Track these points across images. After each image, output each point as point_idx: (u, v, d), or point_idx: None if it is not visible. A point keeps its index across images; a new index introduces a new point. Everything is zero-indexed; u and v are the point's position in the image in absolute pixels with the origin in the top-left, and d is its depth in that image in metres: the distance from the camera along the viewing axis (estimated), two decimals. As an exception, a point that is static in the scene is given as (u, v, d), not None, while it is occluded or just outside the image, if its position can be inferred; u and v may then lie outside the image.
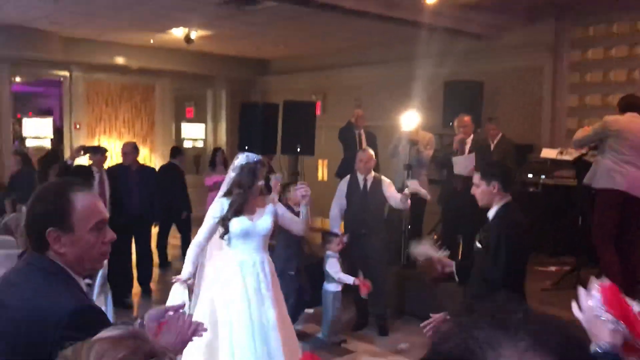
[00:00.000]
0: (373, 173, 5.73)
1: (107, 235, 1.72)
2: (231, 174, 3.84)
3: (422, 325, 2.88)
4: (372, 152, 5.87)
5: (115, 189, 6.62)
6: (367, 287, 5.19)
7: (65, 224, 1.61)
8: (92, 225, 1.66)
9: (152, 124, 12.00)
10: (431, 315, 3.21)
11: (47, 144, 10.25)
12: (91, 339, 0.93)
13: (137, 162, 6.96)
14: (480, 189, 3.41)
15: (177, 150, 8.65)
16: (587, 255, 5.93)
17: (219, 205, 3.81)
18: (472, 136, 6.15)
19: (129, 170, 6.73)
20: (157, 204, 6.95)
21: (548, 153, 7.32)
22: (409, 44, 8.95)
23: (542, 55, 8.21)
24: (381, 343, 5.63)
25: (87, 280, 3.00)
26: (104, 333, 0.95)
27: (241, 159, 3.83)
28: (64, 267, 1.63)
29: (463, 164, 6.08)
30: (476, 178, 3.46)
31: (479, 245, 3.37)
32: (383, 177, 5.75)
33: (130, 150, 6.85)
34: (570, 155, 6.87)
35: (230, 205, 3.75)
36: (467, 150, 6.11)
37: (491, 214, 3.38)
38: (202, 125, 12.94)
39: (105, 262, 5.02)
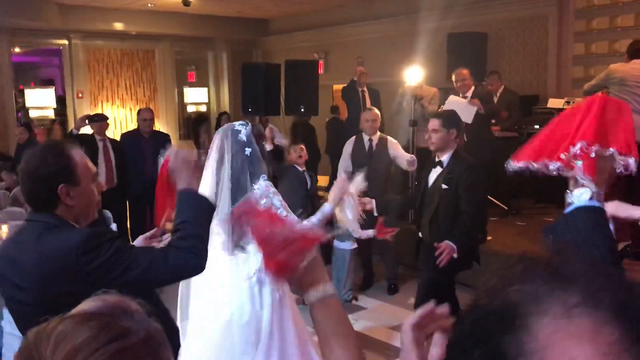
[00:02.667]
0: (379, 133, 5.65)
1: (99, 185, 1.92)
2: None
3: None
4: (377, 111, 5.78)
5: (130, 156, 6.61)
6: (391, 232, 4.35)
7: (73, 178, 1.77)
8: (92, 177, 1.86)
9: (154, 90, 11.93)
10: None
11: (50, 114, 10.24)
12: (56, 317, 0.85)
13: (151, 128, 6.95)
14: (439, 135, 3.85)
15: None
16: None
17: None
18: (472, 89, 6.03)
19: (143, 138, 6.72)
20: None
21: (554, 103, 7.24)
22: (410, -3, 8.80)
23: (546, 3, 8.04)
24: (392, 299, 5.70)
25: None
26: (80, 307, 0.86)
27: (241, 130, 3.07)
28: (68, 221, 1.78)
29: (457, 105, 5.99)
30: (436, 124, 3.87)
31: (445, 186, 3.80)
32: (389, 138, 5.62)
33: (150, 116, 6.85)
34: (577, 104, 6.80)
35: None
36: (467, 104, 6.01)
37: (445, 158, 3.87)
38: (204, 89, 12.85)
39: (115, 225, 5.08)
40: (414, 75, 6.71)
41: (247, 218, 1.36)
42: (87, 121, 6.71)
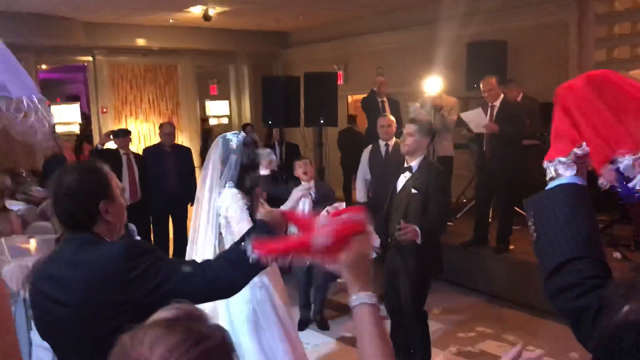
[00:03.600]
0: (394, 139, 5.67)
1: (125, 200, 1.97)
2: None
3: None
4: (392, 117, 5.83)
5: (153, 170, 6.71)
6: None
7: (110, 194, 1.84)
8: (122, 192, 1.93)
9: (176, 104, 12.10)
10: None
11: (75, 129, 10.43)
12: (145, 323, 0.94)
13: (173, 142, 7.05)
14: (414, 138, 4.01)
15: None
16: (619, 212, 5.85)
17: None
18: (501, 97, 5.99)
19: (165, 151, 6.82)
20: (195, 184, 7.05)
21: (576, 110, 7.17)
22: (430, 7, 8.81)
23: (567, 9, 7.98)
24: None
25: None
26: (160, 314, 0.96)
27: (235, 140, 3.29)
28: (103, 237, 1.83)
29: (475, 119, 6.00)
30: (412, 128, 4.03)
31: (414, 190, 3.96)
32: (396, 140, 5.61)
33: (172, 131, 6.96)
34: (599, 111, 6.73)
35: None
36: (495, 114, 5.99)
37: (414, 164, 4.04)
38: (226, 102, 12.98)
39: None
40: (433, 85, 6.72)
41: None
42: (111, 136, 6.84)
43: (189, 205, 7.13)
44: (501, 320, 5.32)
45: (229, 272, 1.79)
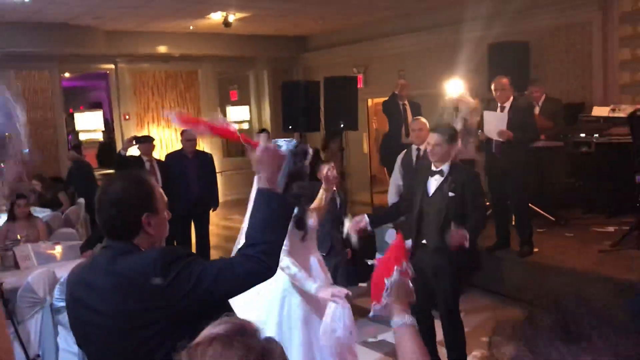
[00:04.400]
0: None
1: (168, 214, 1.95)
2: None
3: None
4: (424, 120, 5.73)
5: (175, 176, 6.75)
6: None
7: (153, 207, 1.84)
8: (165, 206, 1.92)
9: (197, 110, 12.19)
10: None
11: (99, 137, 10.57)
12: (200, 339, 0.93)
13: (195, 148, 7.10)
14: (440, 147, 4.06)
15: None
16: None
17: None
18: (511, 99, 5.93)
19: (187, 157, 6.86)
20: (216, 189, 7.09)
21: (600, 111, 7.07)
22: (450, 9, 8.77)
23: (590, 9, 7.88)
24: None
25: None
26: (211, 329, 0.95)
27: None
28: (141, 248, 1.83)
29: (494, 119, 5.90)
30: (439, 139, 4.05)
31: (452, 193, 4.00)
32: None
33: (194, 137, 6.99)
34: (623, 111, 6.62)
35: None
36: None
37: (445, 167, 4.09)
38: (246, 108, 13.05)
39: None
40: (455, 87, 6.67)
41: None
42: (134, 142, 6.90)
43: (210, 211, 7.17)
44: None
45: (256, 266, 1.80)
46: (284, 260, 3.20)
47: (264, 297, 3.29)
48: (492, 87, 5.96)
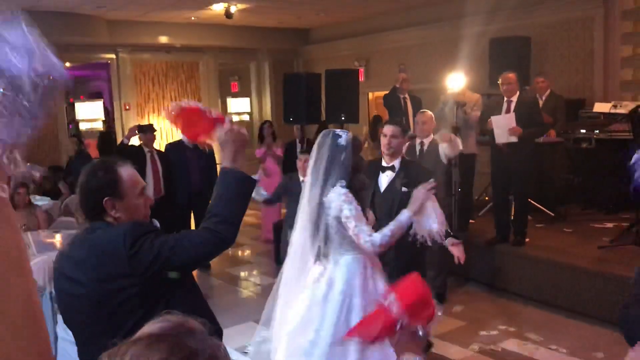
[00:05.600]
0: (432, 136, 5.53)
1: (148, 199, 2.08)
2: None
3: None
4: (430, 113, 5.69)
5: (175, 167, 6.74)
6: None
7: (117, 192, 1.95)
8: (139, 192, 2.01)
9: (198, 101, 12.13)
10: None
11: (99, 126, 10.55)
12: (130, 339, 0.89)
13: None
14: (398, 140, 4.06)
15: None
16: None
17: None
18: (517, 94, 5.96)
19: (187, 148, 6.85)
20: (216, 179, 7.09)
21: (601, 107, 7.08)
22: (452, 3, 8.75)
23: (592, 5, 7.87)
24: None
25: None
26: (148, 327, 0.90)
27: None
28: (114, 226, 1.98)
29: (503, 123, 5.93)
30: (397, 130, 4.03)
31: (404, 189, 3.94)
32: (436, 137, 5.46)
33: None
34: (624, 108, 6.63)
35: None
36: (512, 109, 5.95)
37: (396, 162, 4.09)
38: (247, 99, 13.03)
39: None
40: (456, 81, 6.66)
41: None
42: (137, 131, 6.90)
43: (210, 201, 7.18)
44: (524, 319, 5.27)
45: (213, 237, 1.94)
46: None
47: (322, 300, 3.10)
48: (499, 81, 5.99)
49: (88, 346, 1.95)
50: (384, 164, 4.16)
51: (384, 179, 4.14)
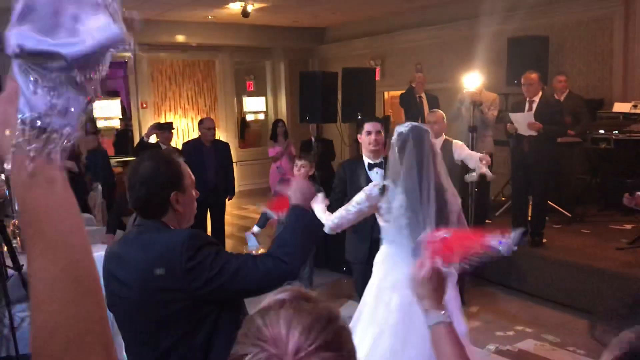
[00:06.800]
0: (444, 136, 5.49)
1: (197, 193, 2.06)
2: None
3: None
4: (442, 112, 5.67)
5: (192, 164, 6.78)
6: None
7: (182, 186, 1.93)
8: (193, 185, 2.01)
9: (214, 99, 12.22)
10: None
11: (116, 124, 10.63)
12: (267, 304, 0.94)
13: (213, 137, 7.14)
14: (382, 135, 4.08)
15: None
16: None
17: None
18: (540, 94, 5.94)
19: (204, 146, 6.90)
20: (232, 178, 7.14)
21: (620, 107, 7.01)
22: (469, 2, 8.70)
23: (612, 4, 7.78)
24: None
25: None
26: (277, 296, 0.96)
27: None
28: (169, 226, 1.92)
29: (521, 119, 5.92)
30: (379, 126, 4.07)
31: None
32: (454, 141, 5.35)
33: (213, 126, 7.06)
34: (644, 108, 6.56)
35: None
36: (534, 109, 5.93)
37: (382, 159, 4.04)
38: (262, 98, 13.06)
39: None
40: (472, 80, 6.63)
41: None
42: (157, 129, 6.95)
43: (227, 199, 7.22)
44: (540, 320, 5.24)
45: (278, 268, 1.84)
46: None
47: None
48: (522, 81, 5.97)
49: (134, 350, 1.92)
50: (369, 161, 4.14)
51: (375, 176, 4.09)
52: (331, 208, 4.29)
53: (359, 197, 3.18)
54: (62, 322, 0.71)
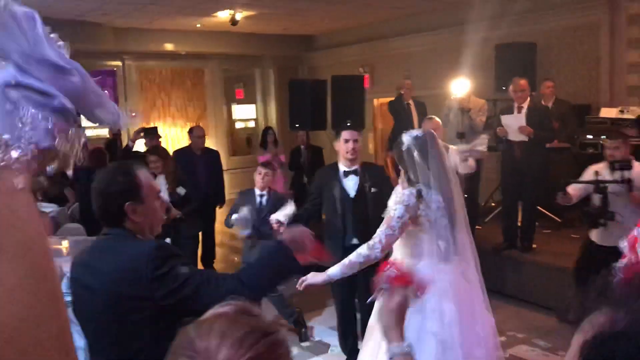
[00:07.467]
0: (441, 143, 5.46)
1: (163, 203, 2.09)
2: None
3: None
4: (438, 119, 5.67)
5: (183, 172, 6.76)
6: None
7: (138, 197, 1.94)
8: (156, 195, 2.02)
9: (204, 108, 12.21)
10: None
11: (104, 133, 10.57)
12: (206, 316, 0.96)
13: (203, 145, 7.13)
14: (359, 143, 4.13)
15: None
16: (653, 216, 5.72)
17: None
18: (528, 100, 5.98)
19: (195, 154, 6.88)
20: (223, 186, 7.12)
21: (607, 112, 7.05)
22: (457, 9, 8.75)
23: (598, 10, 7.85)
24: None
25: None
26: (218, 309, 0.97)
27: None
28: (136, 234, 1.96)
29: (512, 122, 5.94)
30: (357, 134, 4.12)
31: (374, 189, 4.03)
32: (451, 146, 5.31)
33: (203, 134, 7.04)
34: (632, 113, 6.61)
35: None
36: (524, 116, 5.96)
37: (357, 167, 4.14)
38: (252, 106, 13.06)
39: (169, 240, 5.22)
40: (461, 86, 6.66)
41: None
42: (142, 134, 6.91)
43: (217, 207, 7.19)
44: (532, 325, 5.24)
45: (239, 291, 1.83)
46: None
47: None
48: (511, 87, 6.00)
49: (97, 357, 1.95)
50: (345, 168, 4.15)
51: (350, 184, 4.12)
52: (306, 212, 4.31)
53: (398, 212, 3.00)
54: (21, 327, 0.71)
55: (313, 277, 2.98)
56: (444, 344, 2.90)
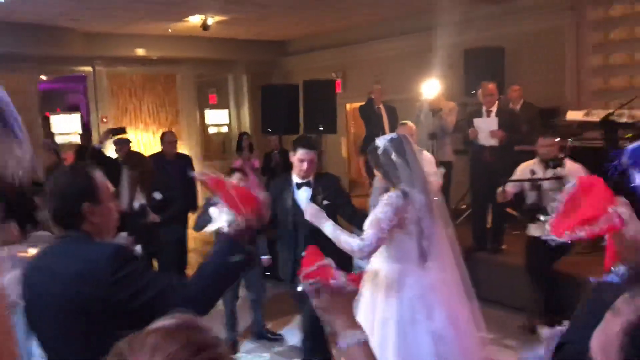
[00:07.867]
0: (415, 147, 5.49)
1: (117, 204, 2.07)
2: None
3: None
4: (412, 124, 5.68)
5: (155, 178, 6.70)
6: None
7: (96, 197, 1.91)
8: (111, 196, 2.00)
9: (176, 113, 12.13)
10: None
11: (76, 140, 10.45)
12: (144, 330, 0.94)
13: (175, 150, 7.07)
14: (315, 163, 4.09)
15: None
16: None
17: None
18: (496, 104, 6.08)
19: (167, 160, 6.83)
20: (196, 192, 7.07)
21: (574, 115, 7.18)
22: (427, 14, 8.85)
23: (563, 16, 8.03)
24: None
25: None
26: (158, 323, 0.95)
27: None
28: (93, 237, 1.92)
29: (484, 125, 6.03)
30: (313, 155, 4.05)
31: (326, 202, 3.97)
32: (425, 152, 5.35)
33: (174, 139, 6.99)
34: (597, 115, 6.74)
35: None
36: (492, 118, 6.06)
37: (311, 178, 4.10)
38: (225, 111, 13.02)
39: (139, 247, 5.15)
40: (431, 88, 6.74)
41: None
42: (110, 135, 6.85)
43: (190, 213, 7.14)
44: (502, 326, 5.31)
45: (206, 293, 1.86)
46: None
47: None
48: (480, 92, 6.09)
49: None
50: (298, 180, 4.10)
51: (303, 196, 4.08)
52: None
53: (386, 214, 3.00)
54: None
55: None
56: (438, 336, 3.08)
